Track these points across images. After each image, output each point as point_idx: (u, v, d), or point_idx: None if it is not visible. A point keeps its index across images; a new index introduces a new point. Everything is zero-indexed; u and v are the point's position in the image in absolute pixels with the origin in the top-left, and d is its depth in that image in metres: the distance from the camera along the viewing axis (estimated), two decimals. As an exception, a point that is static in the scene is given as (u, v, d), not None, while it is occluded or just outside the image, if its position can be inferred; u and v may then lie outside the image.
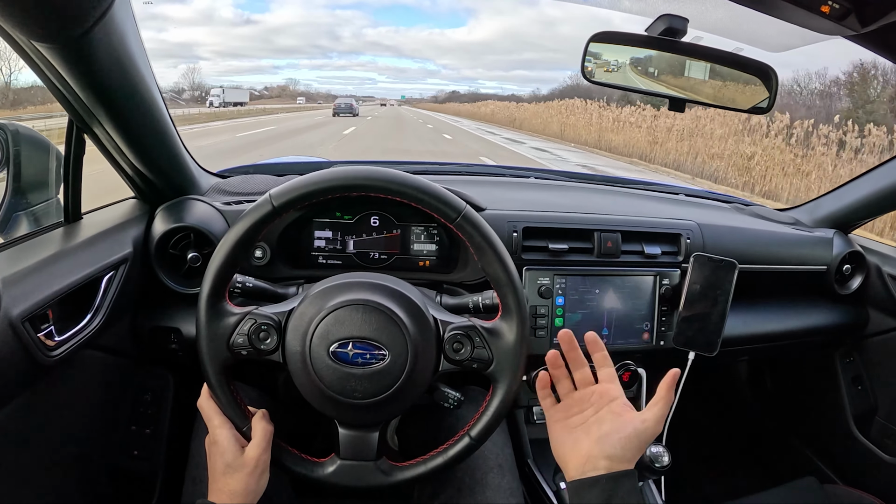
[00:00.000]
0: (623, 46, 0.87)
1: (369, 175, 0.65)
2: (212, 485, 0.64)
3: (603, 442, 0.58)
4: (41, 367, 0.68)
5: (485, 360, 0.68)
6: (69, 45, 0.59)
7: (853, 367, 1.32)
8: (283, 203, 0.64)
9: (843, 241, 1.23)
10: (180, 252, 0.90)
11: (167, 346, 0.93)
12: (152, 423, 1.05)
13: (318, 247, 0.95)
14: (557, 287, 0.98)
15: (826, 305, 1.25)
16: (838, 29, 0.73)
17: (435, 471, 0.69)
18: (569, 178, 1.36)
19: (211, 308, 0.65)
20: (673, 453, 0.81)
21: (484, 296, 0.74)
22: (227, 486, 0.62)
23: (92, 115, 0.74)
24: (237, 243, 0.64)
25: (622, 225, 1.03)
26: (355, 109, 29.03)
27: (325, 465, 0.69)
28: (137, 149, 0.83)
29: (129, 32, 0.67)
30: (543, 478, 0.99)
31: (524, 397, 1.05)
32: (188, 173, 0.98)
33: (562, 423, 0.63)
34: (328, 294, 0.66)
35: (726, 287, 0.98)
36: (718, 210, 1.28)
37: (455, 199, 0.66)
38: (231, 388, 0.67)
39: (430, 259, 0.96)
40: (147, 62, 0.75)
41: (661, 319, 1.03)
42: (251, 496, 0.63)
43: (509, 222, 0.97)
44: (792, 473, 1.26)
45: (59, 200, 0.99)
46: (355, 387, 0.63)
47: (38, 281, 0.69)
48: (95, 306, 0.79)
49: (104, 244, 0.83)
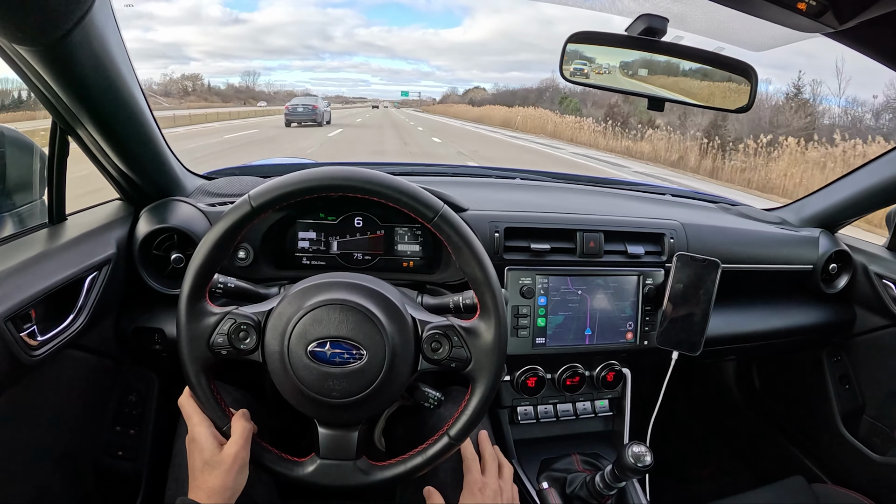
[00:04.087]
0: (602, 47, 0.88)
1: (347, 175, 0.65)
2: (191, 482, 0.64)
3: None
4: (24, 366, 0.68)
5: (463, 360, 0.68)
6: (49, 47, 0.60)
7: (840, 365, 1.32)
8: (261, 203, 0.64)
9: (830, 240, 1.24)
10: (164, 253, 0.91)
11: (151, 346, 0.93)
12: (137, 423, 1.06)
13: (302, 248, 0.95)
14: (539, 287, 0.98)
15: (813, 304, 1.26)
16: (816, 26, 0.73)
17: (414, 470, 0.69)
18: (554, 179, 1.37)
19: (191, 308, 0.65)
20: (659, 453, 0.81)
21: (464, 296, 0.74)
22: (205, 484, 0.62)
23: (75, 117, 0.75)
24: (216, 243, 0.65)
25: (605, 225, 1.03)
26: (320, 116, 19.68)
27: (305, 464, 0.69)
28: (121, 150, 0.84)
29: (109, 34, 0.68)
30: (527, 477, 0.99)
31: (507, 397, 1.05)
32: (172, 175, 0.99)
33: None
34: (307, 293, 0.66)
35: (709, 287, 0.98)
36: (704, 210, 1.29)
37: (432, 198, 0.66)
38: (212, 387, 0.67)
39: (414, 259, 0.97)
40: (129, 63, 0.76)
41: (645, 319, 1.04)
42: (229, 493, 0.63)
43: (491, 222, 0.98)
44: (780, 472, 1.26)
45: (43, 202, 1.00)
46: (333, 386, 0.63)
47: (21, 281, 0.69)
48: (78, 306, 0.79)
49: (88, 245, 0.83)
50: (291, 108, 19.54)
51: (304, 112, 19.36)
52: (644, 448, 0.80)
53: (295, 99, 21.52)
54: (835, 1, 0.68)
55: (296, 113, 19.31)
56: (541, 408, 1.07)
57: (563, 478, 0.96)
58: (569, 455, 1.02)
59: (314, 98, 21.42)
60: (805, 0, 0.68)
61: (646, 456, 0.80)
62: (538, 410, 1.07)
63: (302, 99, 21.18)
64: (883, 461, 1.19)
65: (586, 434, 1.12)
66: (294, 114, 19.29)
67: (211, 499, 0.62)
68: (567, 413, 1.09)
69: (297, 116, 19.30)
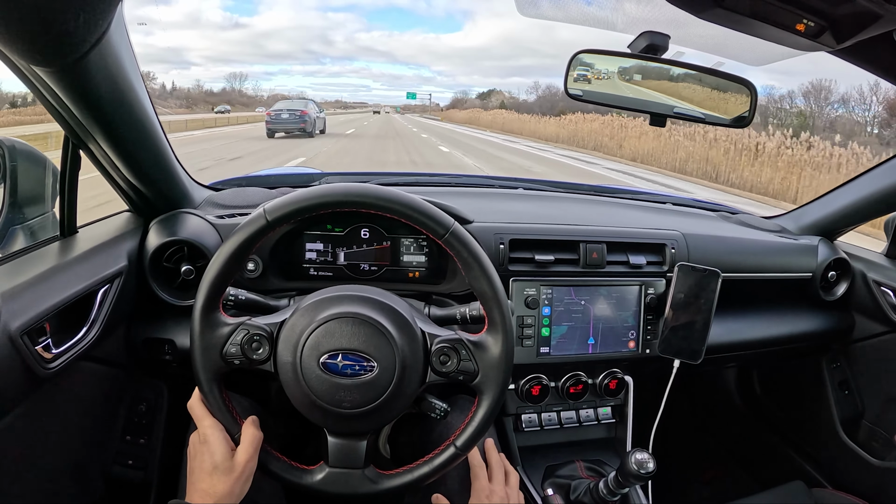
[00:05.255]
0: (607, 58, 0.89)
1: (361, 192, 0.67)
2: (192, 484, 0.64)
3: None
4: (38, 379, 0.69)
5: (470, 373, 0.69)
6: (66, 68, 0.61)
7: (840, 371, 1.34)
8: (276, 217, 0.66)
9: (828, 248, 1.25)
10: (174, 265, 0.92)
11: (161, 357, 0.95)
12: (147, 433, 1.07)
13: (310, 259, 0.96)
14: (544, 297, 0.99)
15: (812, 312, 1.27)
16: (815, 46, 0.75)
17: (421, 479, 0.70)
18: (557, 189, 1.38)
19: (205, 319, 0.67)
20: (661, 459, 0.82)
21: (471, 307, 0.75)
22: (211, 488, 0.62)
23: (87, 132, 0.76)
24: (231, 256, 0.66)
25: (607, 236, 1.05)
26: (310, 123, 15.90)
27: (314, 472, 0.70)
28: (132, 164, 0.85)
29: (124, 54, 0.69)
30: (532, 484, 1.00)
31: (512, 405, 1.06)
32: (181, 187, 1.00)
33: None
34: (319, 306, 0.67)
35: (710, 296, 0.99)
36: (704, 219, 1.30)
37: (443, 216, 0.68)
38: (224, 396, 0.69)
39: (419, 270, 0.98)
40: (141, 80, 0.77)
41: (647, 328, 1.05)
42: (234, 499, 0.63)
43: (496, 234, 0.99)
44: (780, 477, 1.27)
45: (54, 214, 1.01)
46: (344, 397, 0.65)
47: (35, 295, 0.70)
48: (91, 319, 0.80)
49: (99, 258, 0.84)
50: (275, 114, 15.98)
51: (291, 119, 15.67)
52: (647, 455, 0.81)
53: (280, 103, 17.47)
54: (833, 22, 0.69)
55: (279, 120, 15.71)
56: (545, 415, 1.09)
57: (568, 484, 0.97)
58: (572, 462, 1.04)
59: (303, 102, 17.26)
60: (804, 21, 0.70)
61: (648, 463, 0.81)
62: (542, 418, 1.09)
63: (288, 103, 17.18)
64: (882, 466, 1.20)
65: (589, 441, 1.13)
66: (277, 121, 15.71)
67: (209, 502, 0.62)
68: (571, 420, 1.10)
69: (282, 125, 15.73)
